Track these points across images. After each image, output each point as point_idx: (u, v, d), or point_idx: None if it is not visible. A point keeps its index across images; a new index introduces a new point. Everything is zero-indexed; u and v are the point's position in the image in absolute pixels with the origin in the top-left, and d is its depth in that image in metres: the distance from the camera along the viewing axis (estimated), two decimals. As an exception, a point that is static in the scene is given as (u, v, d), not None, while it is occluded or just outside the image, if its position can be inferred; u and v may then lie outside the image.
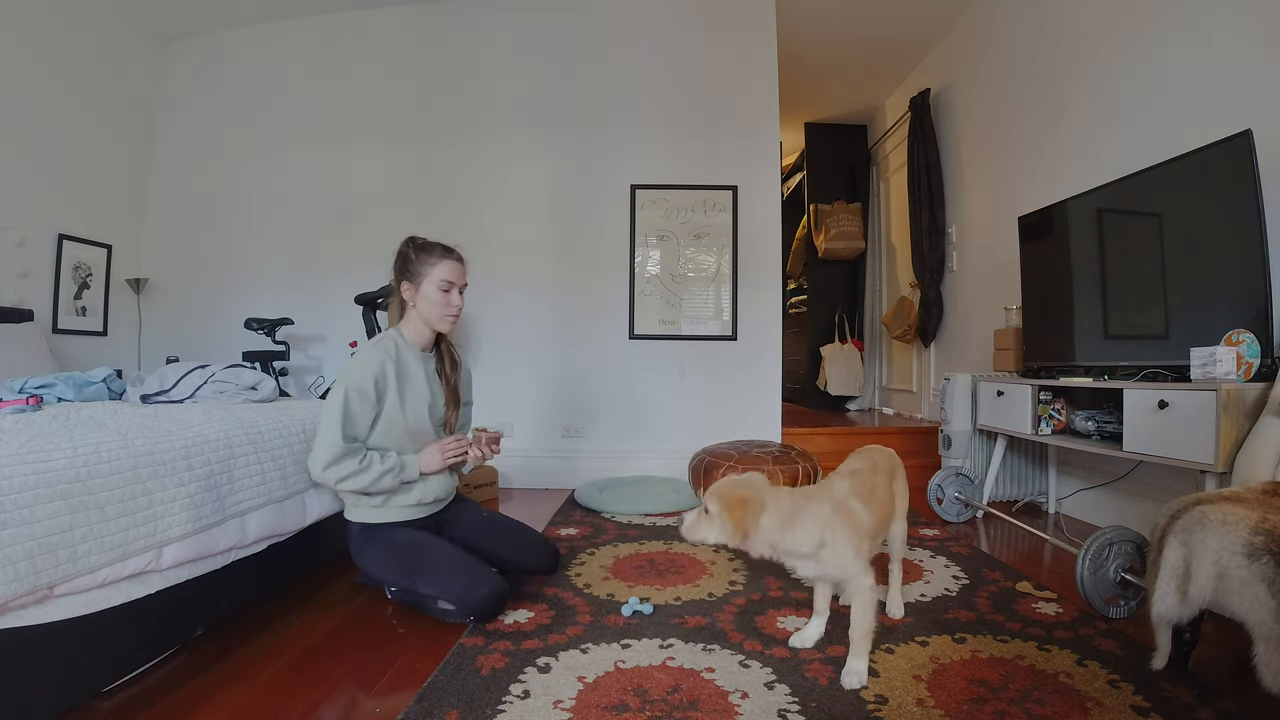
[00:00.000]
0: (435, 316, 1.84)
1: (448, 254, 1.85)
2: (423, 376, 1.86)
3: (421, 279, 1.81)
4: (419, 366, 1.86)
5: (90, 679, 1.31)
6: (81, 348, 3.61)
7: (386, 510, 1.81)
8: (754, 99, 3.80)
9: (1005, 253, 3.21)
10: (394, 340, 1.83)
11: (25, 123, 3.29)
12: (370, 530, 1.80)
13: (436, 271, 1.81)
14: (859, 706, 1.29)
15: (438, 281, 1.81)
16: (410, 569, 1.71)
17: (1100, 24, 2.73)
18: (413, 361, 1.85)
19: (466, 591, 1.65)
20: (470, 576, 1.68)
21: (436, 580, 1.69)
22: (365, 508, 1.80)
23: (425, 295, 1.81)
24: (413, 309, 1.85)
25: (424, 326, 1.86)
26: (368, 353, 1.76)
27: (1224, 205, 1.92)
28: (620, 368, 3.79)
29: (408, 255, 1.84)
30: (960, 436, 2.95)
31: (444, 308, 1.83)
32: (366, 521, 1.80)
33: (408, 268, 1.83)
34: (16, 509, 1.08)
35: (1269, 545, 1.14)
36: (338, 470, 1.66)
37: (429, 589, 1.69)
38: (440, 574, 1.69)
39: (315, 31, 3.98)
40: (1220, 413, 1.68)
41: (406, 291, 1.84)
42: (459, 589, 1.66)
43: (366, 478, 1.69)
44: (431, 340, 1.91)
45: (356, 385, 1.70)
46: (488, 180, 3.86)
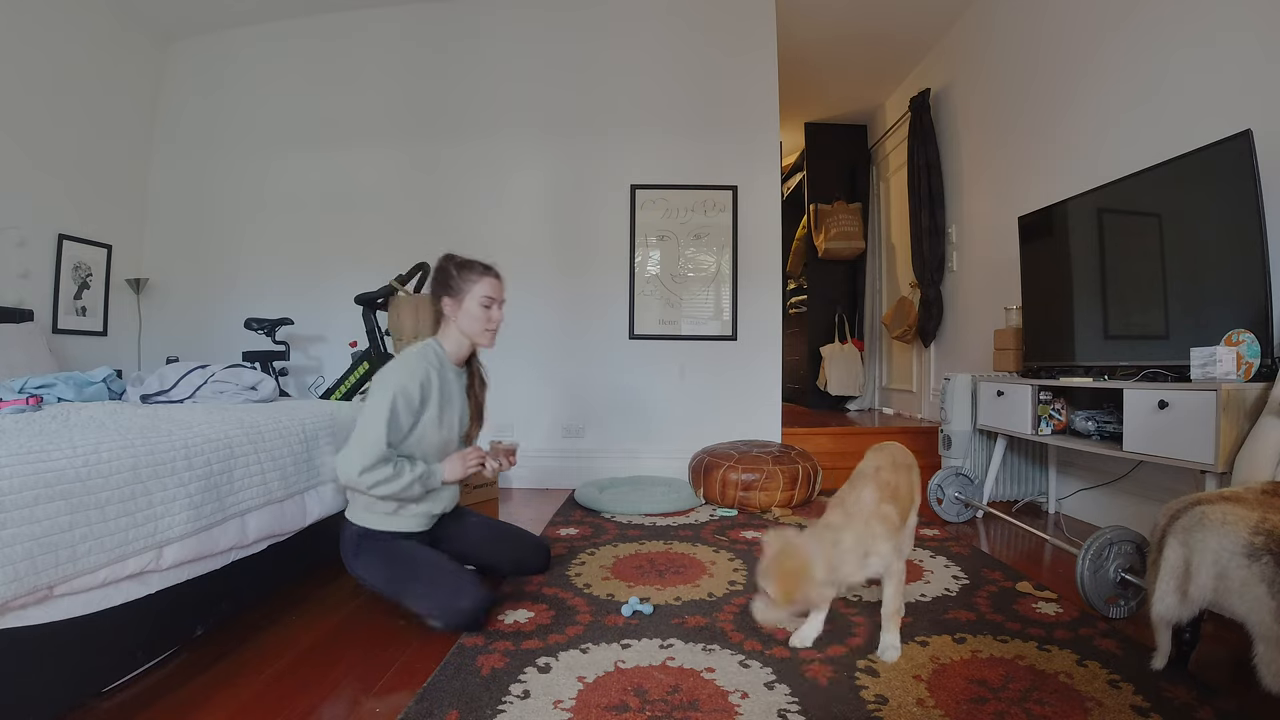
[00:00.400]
0: (477, 331, 1.88)
1: (488, 271, 1.90)
2: (457, 391, 1.90)
3: (464, 295, 1.85)
4: (455, 381, 1.90)
5: (90, 679, 1.31)
6: (81, 348, 3.61)
7: (398, 519, 1.79)
8: (754, 99, 3.80)
9: (1005, 253, 3.21)
10: (436, 352, 1.86)
11: (25, 123, 3.29)
12: (369, 536, 1.78)
13: (479, 288, 1.86)
14: (859, 706, 1.29)
15: (480, 297, 1.85)
16: (398, 581, 1.70)
17: (1100, 24, 2.73)
18: (451, 375, 1.89)
19: (447, 606, 1.64)
20: (452, 591, 1.65)
21: (421, 596, 1.67)
22: (377, 514, 1.78)
23: (467, 310, 1.86)
24: (452, 324, 1.88)
25: (462, 340, 1.90)
26: (414, 359, 1.78)
27: (1224, 205, 1.92)
28: (620, 368, 3.79)
29: (449, 271, 1.88)
30: (960, 436, 2.95)
31: (485, 322, 1.88)
32: (369, 527, 1.79)
33: (449, 284, 1.86)
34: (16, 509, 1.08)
35: (1269, 545, 1.14)
36: (374, 474, 1.64)
37: (414, 604, 1.68)
38: (424, 589, 1.67)
39: (315, 31, 3.97)
40: (1220, 413, 1.68)
41: (448, 307, 1.87)
42: (440, 604, 1.64)
43: (398, 484, 1.68)
44: (465, 356, 1.95)
45: (404, 389, 1.71)
46: (488, 180, 3.86)
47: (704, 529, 2.71)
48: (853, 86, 4.96)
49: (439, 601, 1.64)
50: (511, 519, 3.00)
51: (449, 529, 1.96)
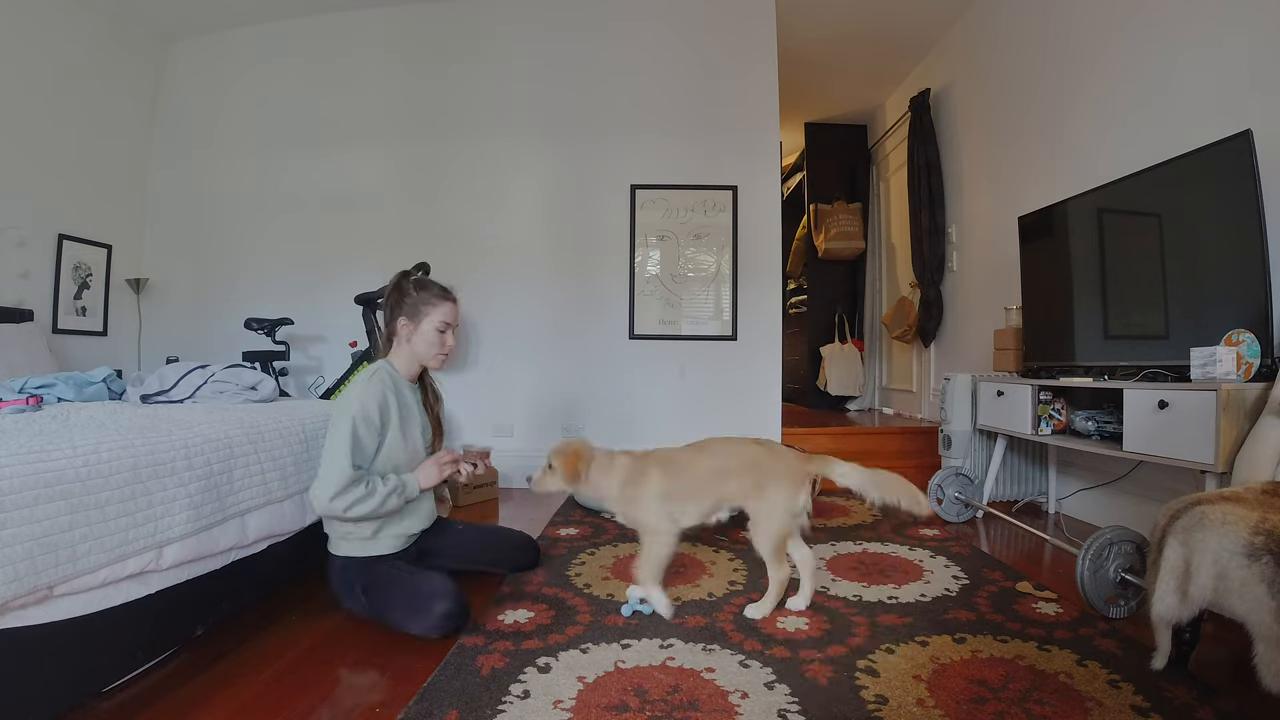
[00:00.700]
0: (429, 355, 1.88)
1: (445, 296, 1.89)
2: (415, 407, 1.90)
3: (421, 318, 1.85)
4: (412, 397, 1.90)
5: (90, 679, 1.31)
6: (81, 348, 3.60)
7: (377, 542, 1.77)
8: (754, 99, 3.79)
9: (1005, 253, 3.21)
10: (388, 372, 1.85)
11: (25, 123, 3.29)
12: (350, 566, 1.76)
13: (436, 313, 1.85)
14: (859, 706, 1.29)
15: (436, 323, 1.85)
16: (378, 607, 1.69)
17: (1100, 24, 2.73)
18: (407, 392, 1.89)
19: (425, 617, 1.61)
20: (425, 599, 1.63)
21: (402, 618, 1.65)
22: (355, 540, 1.75)
23: (423, 334, 1.86)
24: (405, 344, 1.88)
25: (414, 361, 1.90)
26: (368, 384, 1.77)
27: (1224, 205, 1.92)
28: (620, 368, 3.79)
29: (406, 291, 1.86)
30: (960, 436, 2.95)
31: (439, 347, 1.88)
32: (349, 555, 1.77)
33: (404, 303, 1.86)
34: (16, 509, 1.08)
35: (1269, 545, 1.14)
36: (345, 498, 1.63)
37: (392, 621, 1.67)
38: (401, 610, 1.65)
39: (315, 31, 3.97)
40: (1220, 413, 1.68)
41: (403, 327, 1.86)
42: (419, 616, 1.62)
43: (373, 501, 1.67)
44: (418, 373, 1.96)
45: (363, 414, 1.71)
46: (488, 180, 3.86)
47: (703, 529, 2.71)
48: (853, 86, 4.95)
49: (417, 614, 1.62)
50: (511, 519, 3.00)
51: (433, 543, 1.95)
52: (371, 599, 1.70)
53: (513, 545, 2.13)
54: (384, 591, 1.69)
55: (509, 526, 2.28)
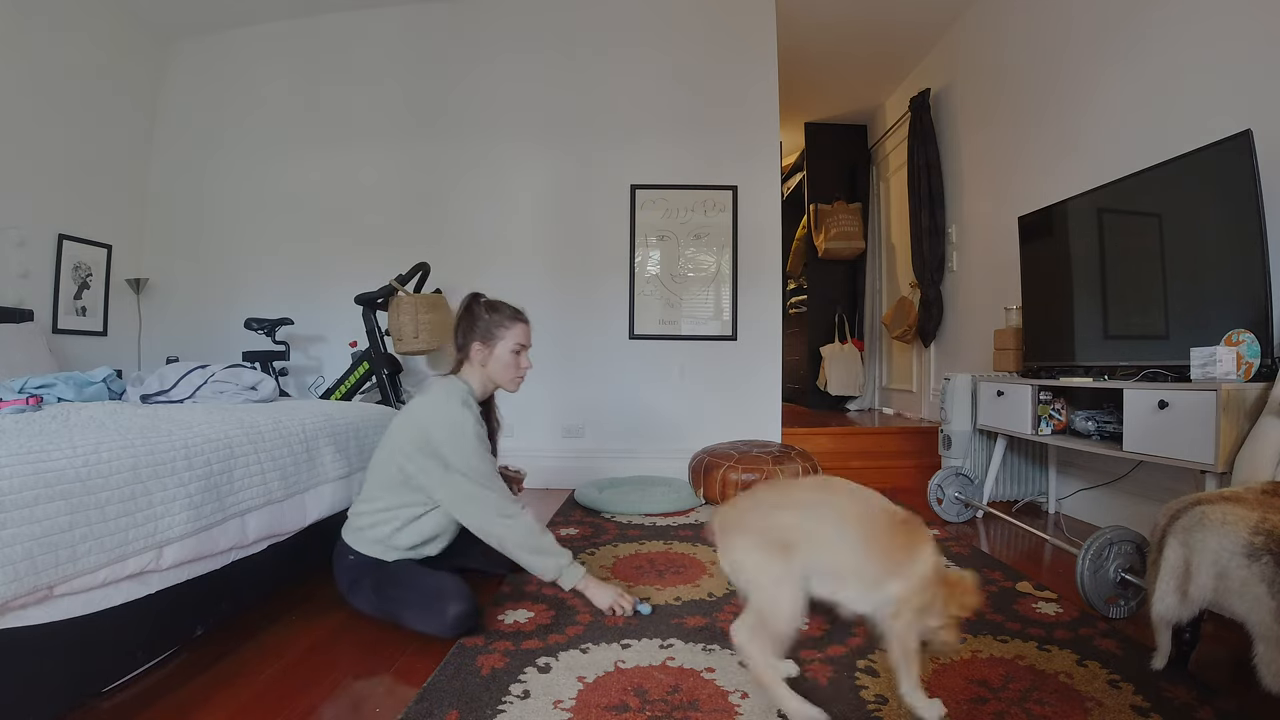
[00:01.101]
0: (507, 379, 1.85)
1: (518, 317, 1.86)
2: (485, 427, 1.85)
3: (496, 341, 1.82)
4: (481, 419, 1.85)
5: (90, 679, 1.31)
6: (81, 348, 3.60)
7: (402, 554, 1.76)
8: (754, 99, 3.80)
9: (1005, 253, 3.21)
10: (469, 391, 1.81)
11: (25, 123, 3.29)
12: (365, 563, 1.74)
13: (511, 334, 1.83)
14: (859, 706, 1.29)
15: (511, 344, 1.82)
16: (391, 607, 1.68)
17: (1100, 24, 2.73)
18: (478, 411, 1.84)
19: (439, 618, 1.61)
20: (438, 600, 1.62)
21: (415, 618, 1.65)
22: (384, 546, 1.74)
23: (498, 358, 1.82)
24: (480, 367, 1.84)
25: (488, 383, 1.87)
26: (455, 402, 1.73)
27: (1224, 205, 1.92)
28: (620, 368, 3.79)
29: (478, 314, 1.83)
30: (960, 436, 2.95)
31: (515, 370, 1.85)
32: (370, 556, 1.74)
33: (476, 327, 1.83)
34: (16, 509, 1.08)
35: (1269, 545, 1.14)
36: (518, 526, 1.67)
37: (407, 622, 1.66)
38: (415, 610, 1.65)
39: (315, 31, 3.97)
40: (1220, 413, 1.68)
41: (477, 351, 1.82)
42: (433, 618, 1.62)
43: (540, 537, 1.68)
44: (488, 396, 1.92)
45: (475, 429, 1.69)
46: (488, 180, 3.86)
47: (704, 529, 2.71)
48: (853, 86, 4.96)
49: (430, 614, 1.62)
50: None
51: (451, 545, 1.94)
52: (382, 597, 1.70)
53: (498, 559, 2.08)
54: (396, 590, 1.69)
55: None
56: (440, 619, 1.60)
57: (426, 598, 1.64)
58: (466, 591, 1.66)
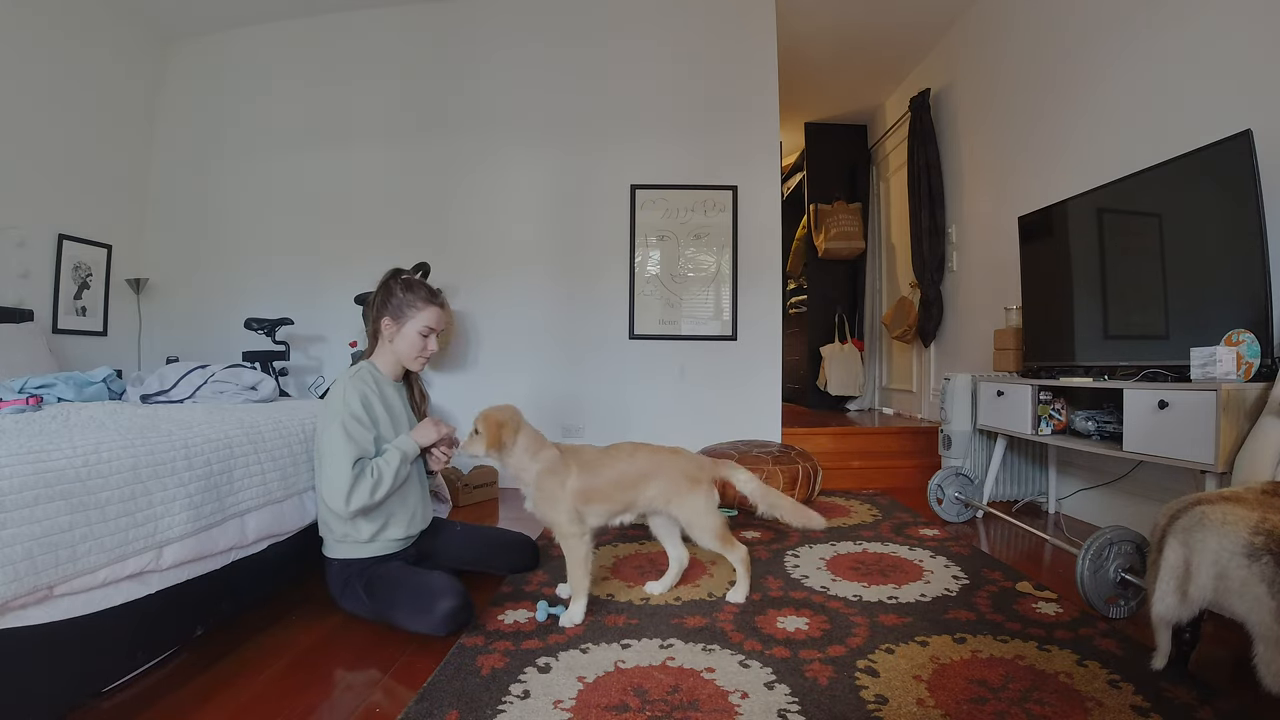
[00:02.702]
0: (409, 357, 1.86)
1: (433, 299, 1.87)
2: (399, 403, 1.89)
3: (405, 320, 1.83)
4: (393, 392, 1.88)
5: (90, 679, 1.31)
6: (81, 348, 3.60)
7: (375, 544, 1.76)
8: (754, 99, 3.79)
9: (1005, 253, 3.21)
10: (369, 371, 1.83)
11: (25, 123, 3.29)
12: (347, 567, 1.75)
13: (421, 316, 1.84)
14: (859, 706, 1.29)
15: (420, 326, 1.84)
16: (382, 607, 1.68)
17: (1100, 24, 2.73)
18: (387, 387, 1.86)
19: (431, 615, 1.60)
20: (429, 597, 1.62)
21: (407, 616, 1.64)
22: (351, 544, 1.74)
23: (405, 336, 1.84)
24: (388, 343, 1.86)
25: (395, 361, 1.88)
26: (350, 383, 1.75)
27: (1224, 205, 1.92)
28: (620, 367, 3.79)
29: (393, 291, 1.84)
30: (960, 436, 2.95)
31: (420, 350, 1.86)
32: (348, 558, 1.75)
33: (390, 303, 1.84)
34: (16, 509, 1.08)
35: (1269, 545, 1.14)
36: (360, 494, 1.62)
37: (405, 626, 1.66)
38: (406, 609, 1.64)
39: (315, 31, 3.97)
40: (1220, 413, 1.68)
41: (387, 327, 1.84)
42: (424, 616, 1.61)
43: (386, 481, 1.66)
44: (402, 372, 1.94)
45: (350, 413, 1.69)
46: (488, 180, 3.86)
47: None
48: (853, 86, 4.96)
49: (422, 613, 1.61)
50: (511, 519, 3.00)
51: (431, 544, 1.94)
52: (374, 598, 1.69)
53: (511, 546, 2.10)
54: (387, 590, 1.68)
55: (508, 528, 2.26)
56: (430, 616, 1.59)
57: (416, 595, 1.64)
58: (458, 588, 1.64)
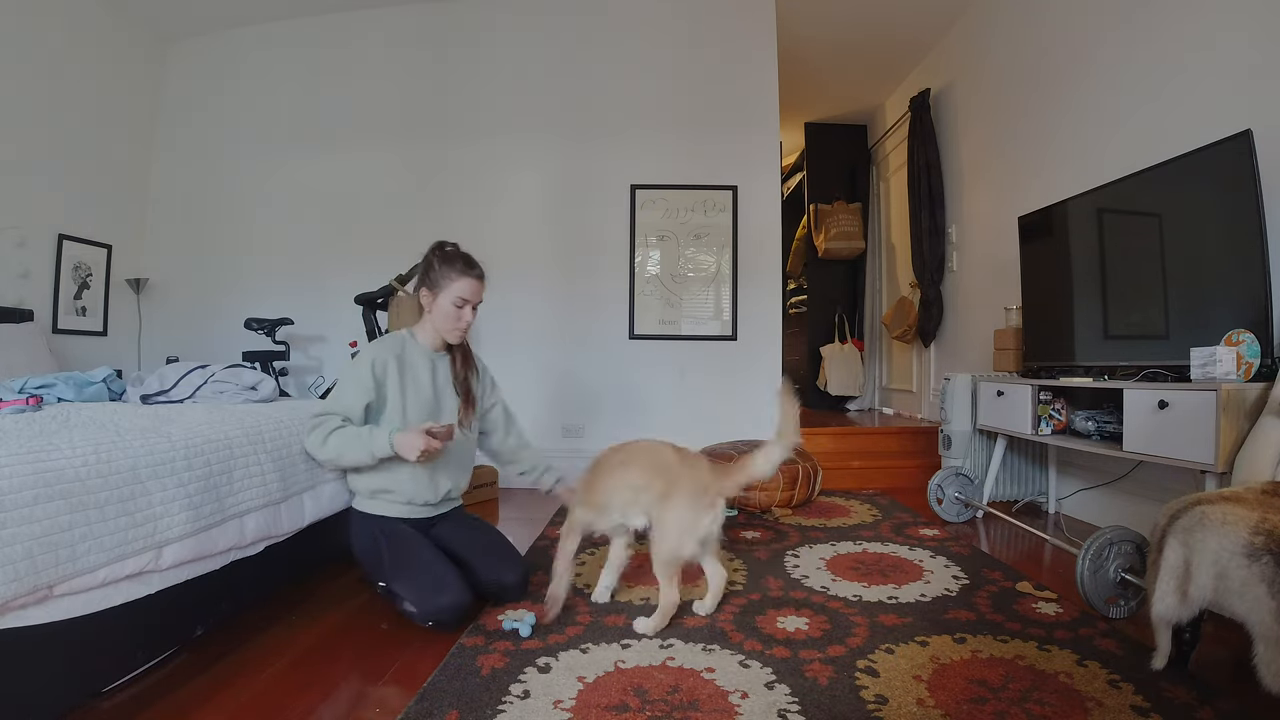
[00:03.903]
0: (445, 328, 1.89)
1: (469, 270, 1.87)
2: (428, 373, 1.90)
3: (440, 290, 1.85)
4: (425, 363, 1.90)
5: (90, 679, 1.31)
6: (81, 348, 3.60)
7: (375, 502, 1.87)
8: (754, 99, 3.80)
9: (1005, 253, 3.21)
10: (403, 338, 1.90)
11: (25, 123, 3.29)
12: (364, 520, 1.86)
13: (455, 287, 1.84)
14: (859, 706, 1.29)
15: (453, 296, 1.84)
16: (393, 565, 1.73)
17: (1100, 24, 2.73)
18: (419, 357, 1.89)
19: (427, 598, 1.63)
20: (434, 584, 1.65)
21: (404, 582, 1.69)
22: (361, 496, 1.88)
23: (440, 306, 1.86)
24: (425, 312, 1.90)
25: (436, 330, 1.92)
26: (373, 345, 1.86)
27: (1224, 205, 1.92)
28: (620, 367, 3.79)
29: (431, 263, 1.88)
30: (960, 436, 2.95)
31: (454, 321, 1.87)
32: (364, 512, 1.87)
33: (429, 275, 1.87)
34: (16, 509, 1.08)
35: (1269, 545, 1.14)
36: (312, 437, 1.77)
37: (398, 589, 1.70)
38: (409, 576, 1.69)
39: (315, 31, 3.97)
40: (1220, 413, 1.68)
41: (424, 298, 1.88)
42: (421, 595, 1.64)
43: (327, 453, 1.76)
44: (443, 344, 1.95)
45: (354, 373, 1.81)
46: (488, 180, 3.86)
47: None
48: (853, 86, 4.95)
49: (421, 592, 1.65)
50: (510, 519, 3.00)
51: (444, 526, 1.95)
52: (391, 558, 1.74)
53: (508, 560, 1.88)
54: (402, 559, 1.73)
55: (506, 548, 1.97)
56: (428, 604, 1.63)
57: (424, 579, 1.68)
58: (465, 588, 1.67)
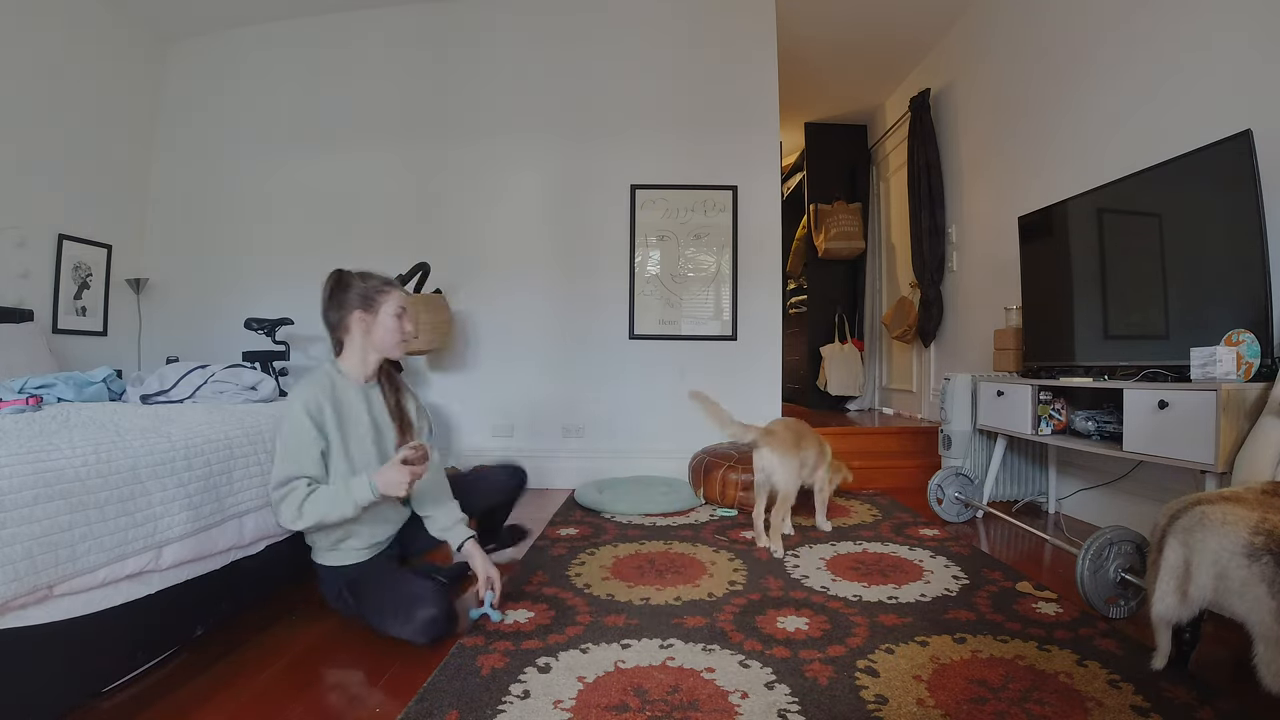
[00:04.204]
0: (390, 343, 1.80)
1: (392, 283, 1.83)
2: (364, 411, 1.77)
3: (378, 306, 1.77)
4: (358, 397, 1.78)
5: (90, 679, 1.31)
6: (81, 348, 3.60)
7: (340, 553, 1.73)
8: (754, 99, 3.79)
9: (1005, 253, 3.21)
10: (329, 374, 1.75)
11: (25, 123, 3.29)
12: (335, 575, 1.74)
13: (391, 299, 1.79)
14: (859, 706, 1.29)
15: (393, 309, 1.79)
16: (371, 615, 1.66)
17: (1100, 24, 2.73)
18: (350, 393, 1.77)
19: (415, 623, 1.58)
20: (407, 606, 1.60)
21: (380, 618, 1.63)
22: (322, 551, 1.74)
23: (383, 323, 1.77)
24: (362, 337, 1.77)
25: (369, 356, 1.80)
26: (299, 389, 1.70)
27: (1224, 205, 1.92)
28: (620, 368, 3.79)
29: (350, 284, 1.78)
30: (960, 436, 2.95)
31: (398, 334, 1.81)
32: (328, 565, 1.74)
33: (352, 297, 1.77)
34: (16, 509, 1.08)
35: (1269, 545, 1.14)
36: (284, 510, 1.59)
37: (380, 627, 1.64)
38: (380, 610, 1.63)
39: (315, 31, 3.97)
40: (1220, 413, 1.68)
41: (361, 321, 1.76)
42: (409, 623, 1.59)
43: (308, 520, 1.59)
44: (375, 370, 1.85)
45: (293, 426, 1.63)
46: (488, 180, 3.86)
47: (704, 529, 2.71)
48: (853, 86, 4.95)
49: (400, 618, 1.59)
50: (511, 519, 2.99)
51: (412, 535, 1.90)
52: (358, 599, 1.68)
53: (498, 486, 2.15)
54: (370, 592, 1.67)
55: None
56: (409, 623, 1.57)
57: (397, 601, 1.62)
58: (440, 598, 1.62)
